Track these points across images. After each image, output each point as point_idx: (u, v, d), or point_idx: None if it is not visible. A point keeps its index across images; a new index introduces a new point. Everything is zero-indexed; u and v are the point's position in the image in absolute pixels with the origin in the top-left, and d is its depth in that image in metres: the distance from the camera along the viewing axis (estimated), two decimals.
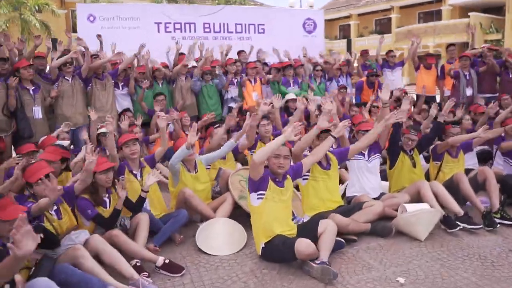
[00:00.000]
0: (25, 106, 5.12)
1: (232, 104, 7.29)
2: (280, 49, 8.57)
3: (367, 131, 4.47)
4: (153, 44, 7.58)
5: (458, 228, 3.85)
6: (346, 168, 4.82)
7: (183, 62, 7.06)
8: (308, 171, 3.94)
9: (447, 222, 3.91)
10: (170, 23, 8.89)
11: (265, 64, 8.34)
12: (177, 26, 8.98)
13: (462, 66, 7.31)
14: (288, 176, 3.50)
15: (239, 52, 8.44)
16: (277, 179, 3.40)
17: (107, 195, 3.66)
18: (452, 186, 4.36)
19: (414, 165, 4.54)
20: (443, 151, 4.70)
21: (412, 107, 7.19)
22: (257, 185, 3.31)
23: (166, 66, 7.12)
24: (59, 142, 4.60)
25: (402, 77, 8.97)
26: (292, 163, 3.69)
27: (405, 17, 28.49)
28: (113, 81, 5.99)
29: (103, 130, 5.19)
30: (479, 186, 4.45)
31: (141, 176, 4.08)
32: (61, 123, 5.38)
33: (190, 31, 9.11)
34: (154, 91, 6.71)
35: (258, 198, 3.33)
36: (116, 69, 6.09)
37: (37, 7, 20.23)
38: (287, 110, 6.78)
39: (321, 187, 3.98)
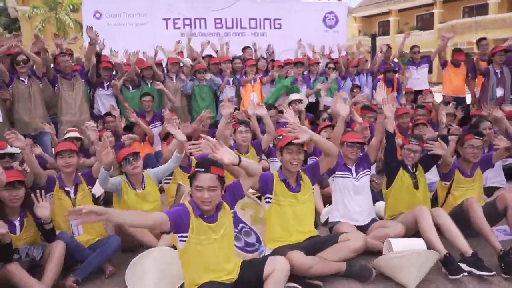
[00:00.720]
0: None
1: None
2: (298, 45, 7.99)
3: (355, 143, 3.60)
4: (161, 41, 7.13)
5: (462, 273, 2.90)
6: None
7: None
8: (271, 192, 3.14)
9: (449, 264, 2.96)
10: (179, 19, 8.40)
11: (272, 61, 7.52)
12: (187, 22, 8.50)
13: (495, 62, 6.19)
14: (224, 205, 2.71)
15: (244, 49, 7.70)
16: (205, 215, 2.61)
17: (18, 218, 3.04)
18: (462, 214, 3.40)
19: (417, 186, 3.60)
20: (450, 169, 3.73)
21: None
22: (177, 226, 2.50)
23: (158, 64, 6.48)
24: (9, 149, 4.07)
25: (428, 76, 7.85)
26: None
27: (448, 12, 26.55)
28: (83, 80, 5.41)
29: (70, 135, 4.67)
30: (499, 214, 3.46)
31: (75, 193, 3.44)
32: (20, 129, 4.85)
33: (200, 27, 8.61)
34: (142, 91, 6.13)
35: (180, 240, 2.55)
36: (82, 68, 5.51)
37: (72, 7, 20.53)
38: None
39: (287, 213, 3.13)
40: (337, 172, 3.61)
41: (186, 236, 2.49)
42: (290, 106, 5.81)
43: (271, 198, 3.14)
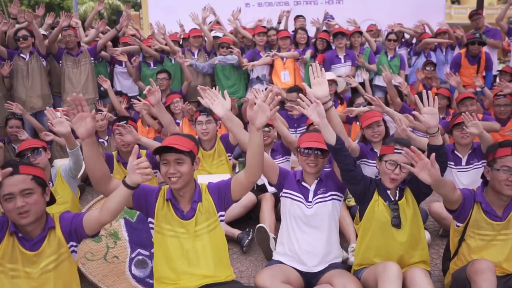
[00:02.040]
0: None
1: (258, 86, 5.58)
2: (381, 16, 6.89)
3: (312, 150, 2.46)
4: (224, 10, 6.58)
5: None
6: None
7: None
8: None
9: None
10: None
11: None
12: None
13: None
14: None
15: (296, 18, 6.54)
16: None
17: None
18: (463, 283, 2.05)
19: (398, 223, 2.31)
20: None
21: None
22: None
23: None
24: None
25: None
26: None
27: None
28: (91, 58, 5.06)
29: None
30: None
31: None
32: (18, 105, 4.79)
33: None
34: (164, 68, 5.61)
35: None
36: (95, 45, 5.14)
37: None
38: None
39: (175, 248, 2.20)
40: (284, 190, 2.53)
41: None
42: None
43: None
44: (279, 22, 6.57)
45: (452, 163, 3.41)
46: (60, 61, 4.97)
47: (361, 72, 5.45)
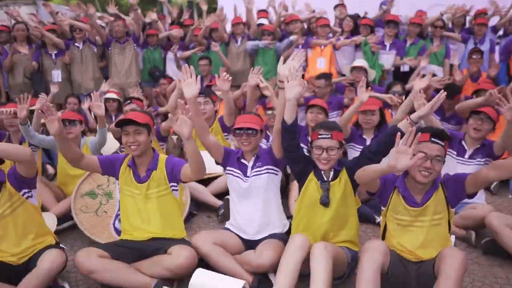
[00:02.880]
0: (45, 70, 5.57)
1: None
2: None
3: (244, 129, 2.74)
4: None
5: None
6: None
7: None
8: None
9: None
10: None
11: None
12: None
13: None
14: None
15: (336, 6, 6.56)
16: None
17: None
18: None
19: (326, 203, 2.50)
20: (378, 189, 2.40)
21: None
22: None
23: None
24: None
25: None
26: None
27: None
28: (135, 45, 5.75)
29: (108, 95, 5.10)
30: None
31: None
32: (76, 89, 5.66)
33: None
34: (210, 54, 6.10)
35: None
36: (134, 33, 5.80)
37: None
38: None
39: (132, 206, 2.68)
40: (227, 168, 2.84)
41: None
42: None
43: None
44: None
45: (454, 153, 3.36)
46: (110, 48, 5.73)
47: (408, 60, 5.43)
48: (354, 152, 3.70)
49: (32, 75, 5.52)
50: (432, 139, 2.23)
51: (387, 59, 5.62)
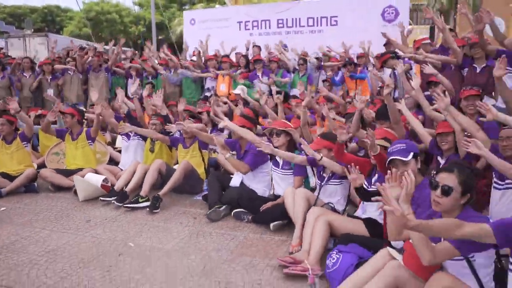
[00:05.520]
0: (42, 88, 8.57)
1: (207, 94, 8.62)
2: (353, 41, 8.49)
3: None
4: (235, 41, 9.45)
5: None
6: None
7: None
8: None
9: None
10: (249, 21, 10.47)
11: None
12: (255, 23, 10.45)
13: None
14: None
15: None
16: None
17: None
18: None
19: (152, 149, 5.39)
20: None
21: None
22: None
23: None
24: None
25: None
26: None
27: None
28: (106, 73, 8.78)
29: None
30: None
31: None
32: (66, 100, 8.64)
33: (265, 27, 10.35)
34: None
35: None
36: (107, 66, 8.87)
37: None
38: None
39: (70, 151, 5.64)
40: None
41: None
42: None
43: None
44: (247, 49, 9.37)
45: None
46: (88, 74, 8.80)
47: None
48: None
49: (33, 92, 8.56)
50: None
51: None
